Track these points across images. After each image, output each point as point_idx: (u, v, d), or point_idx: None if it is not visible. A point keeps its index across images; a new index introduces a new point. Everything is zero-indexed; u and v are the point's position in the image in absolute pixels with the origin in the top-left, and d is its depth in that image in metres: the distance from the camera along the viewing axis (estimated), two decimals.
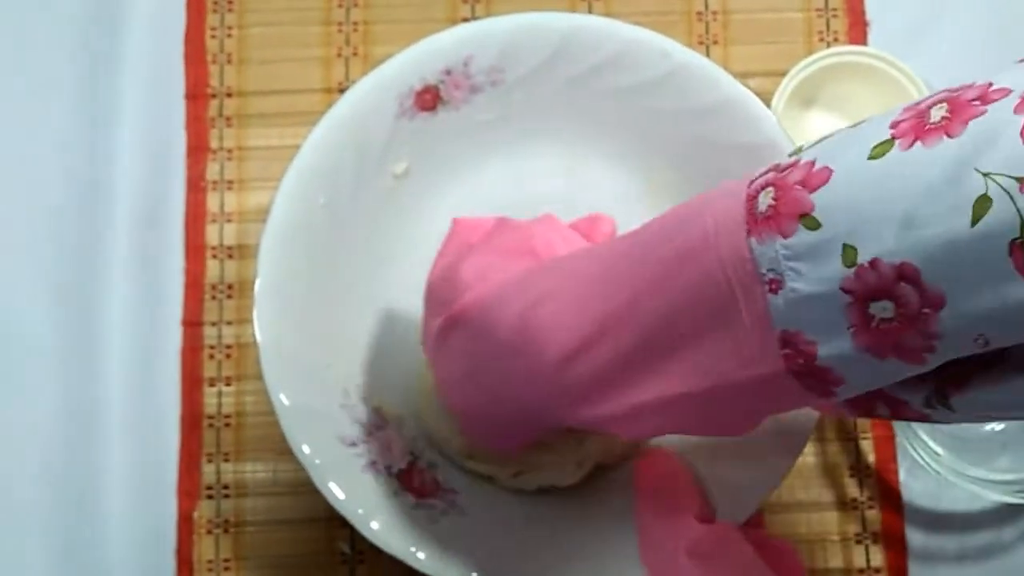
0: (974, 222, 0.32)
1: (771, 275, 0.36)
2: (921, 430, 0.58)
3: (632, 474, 0.53)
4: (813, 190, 0.35)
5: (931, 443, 0.58)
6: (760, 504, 0.52)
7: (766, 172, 0.38)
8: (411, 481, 0.54)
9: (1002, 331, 0.34)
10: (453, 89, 0.57)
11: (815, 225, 0.35)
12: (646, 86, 0.57)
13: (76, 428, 0.62)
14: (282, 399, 0.52)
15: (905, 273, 0.33)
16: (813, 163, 0.36)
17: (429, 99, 0.57)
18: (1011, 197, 0.32)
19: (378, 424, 0.55)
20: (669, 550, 0.48)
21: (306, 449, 0.52)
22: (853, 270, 0.34)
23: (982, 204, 0.32)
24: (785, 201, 0.36)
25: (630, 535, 0.52)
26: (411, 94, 0.57)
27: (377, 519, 0.51)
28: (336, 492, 0.51)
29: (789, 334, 0.36)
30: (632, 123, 0.58)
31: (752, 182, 0.38)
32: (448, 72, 0.57)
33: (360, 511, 0.51)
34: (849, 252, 0.34)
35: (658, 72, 0.56)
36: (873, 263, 0.34)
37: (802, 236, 0.35)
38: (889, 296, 0.34)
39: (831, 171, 0.35)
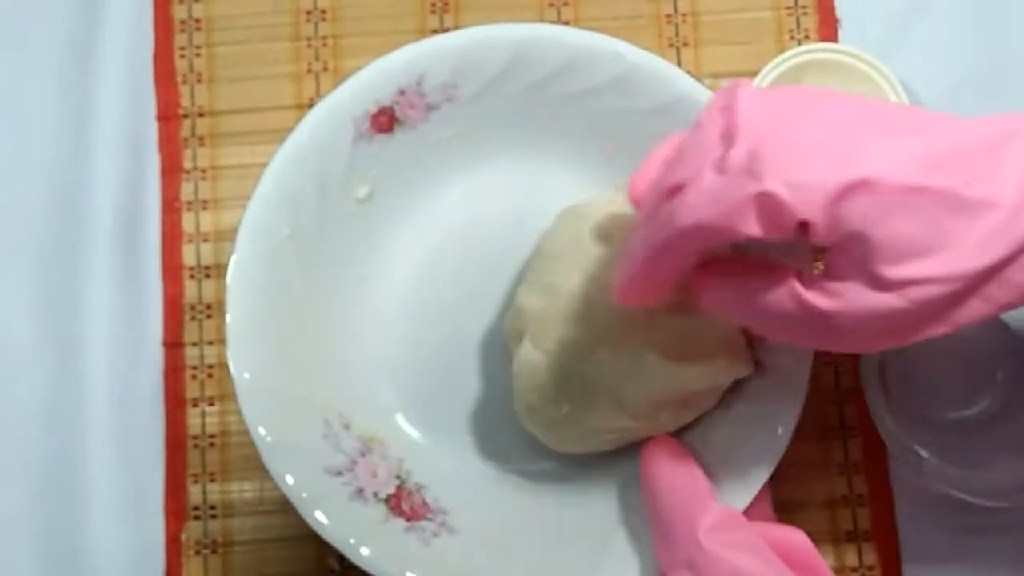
0: None
1: None
2: (903, 431, 0.57)
3: (625, 482, 0.54)
4: None
5: (916, 446, 0.58)
6: (762, 483, 0.53)
7: None
8: (400, 505, 0.54)
9: None
10: (408, 109, 0.57)
11: None
12: (601, 89, 0.57)
13: (60, 453, 0.62)
14: (262, 433, 0.52)
15: None
16: None
17: (385, 121, 0.57)
18: None
19: (361, 451, 0.54)
20: (684, 534, 0.48)
21: (290, 481, 0.51)
22: None
23: None
24: None
25: (624, 546, 0.53)
26: (367, 117, 0.56)
27: (368, 546, 0.51)
28: (324, 523, 0.51)
29: None
30: (591, 126, 0.58)
31: None
32: (402, 92, 0.56)
33: (351, 540, 0.51)
34: None
35: (612, 74, 0.56)
36: None
37: None
38: None
39: None
